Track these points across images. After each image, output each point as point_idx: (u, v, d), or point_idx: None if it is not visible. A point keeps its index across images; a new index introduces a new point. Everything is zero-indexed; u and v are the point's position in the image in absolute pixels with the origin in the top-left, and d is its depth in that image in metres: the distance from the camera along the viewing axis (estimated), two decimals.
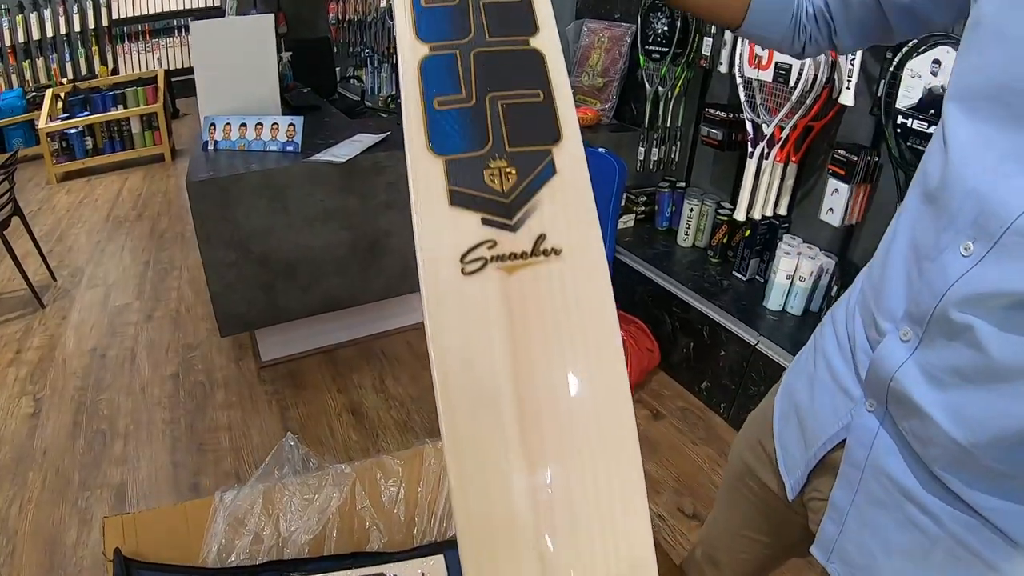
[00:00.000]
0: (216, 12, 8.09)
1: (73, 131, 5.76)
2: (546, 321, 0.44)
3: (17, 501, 2.26)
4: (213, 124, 2.67)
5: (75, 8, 7.58)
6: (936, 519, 0.69)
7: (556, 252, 0.46)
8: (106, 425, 2.63)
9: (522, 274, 0.45)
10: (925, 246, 0.65)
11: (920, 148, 1.91)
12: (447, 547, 0.95)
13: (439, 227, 0.45)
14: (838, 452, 0.79)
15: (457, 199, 0.46)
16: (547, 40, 0.52)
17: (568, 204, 0.47)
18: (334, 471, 1.18)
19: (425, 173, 0.46)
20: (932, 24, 0.78)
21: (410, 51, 0.50)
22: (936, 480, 0.68)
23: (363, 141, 2.67)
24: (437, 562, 0.93)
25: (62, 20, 7.53)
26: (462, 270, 0.44)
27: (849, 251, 2.43)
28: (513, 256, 0.45)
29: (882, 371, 0.70)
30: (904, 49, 1.88)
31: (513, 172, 0.47)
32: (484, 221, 0.45)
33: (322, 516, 1.10)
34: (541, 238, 0.46)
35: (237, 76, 2.73)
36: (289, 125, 2.62)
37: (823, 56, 2.13)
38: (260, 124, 2.65)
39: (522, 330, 0.43)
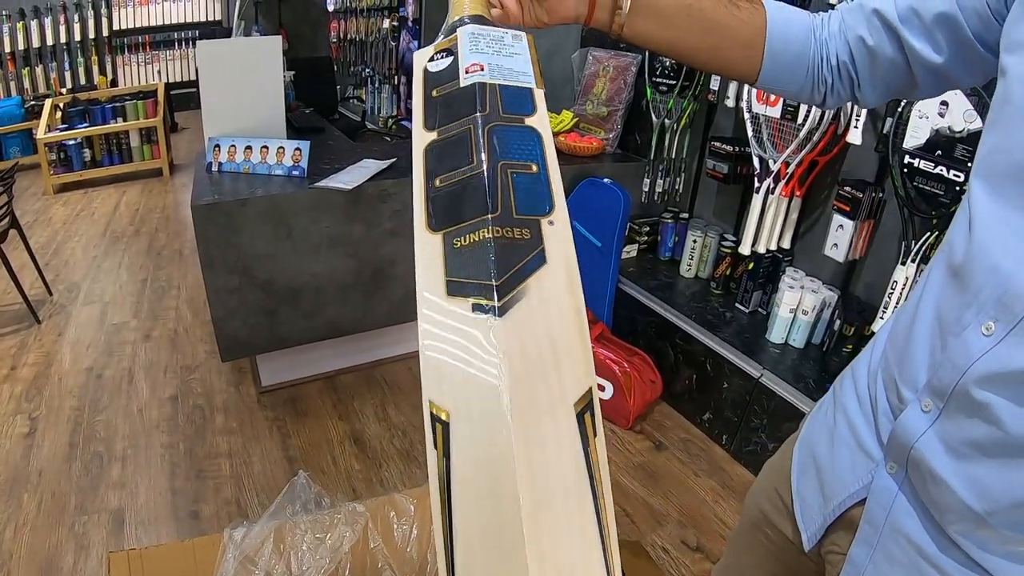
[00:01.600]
0: (217, 25, 8.11)
1: (71, 142, 5.73)
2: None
3: (12, 524, 2.22)
4: (218, 145, 2.65)
5: (76, 17, 7.58)
6: None
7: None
8: (103, 447, 2.60)
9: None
10: (948, 321, 0.66)
11: (926, 188, 1.93)
12: None
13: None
14: (857, 509, 0.81)
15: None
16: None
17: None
18: (346, 509, 1.17)
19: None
20: (958, 84, 0.79)
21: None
22: (953, 544, 0.69)
23: (369, 168, 2.66)
24: None
25: (62, 29, 7.52)
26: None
27: (851, 285, 2.44)
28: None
29: (903, 439, 0.71)
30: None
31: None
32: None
33: (335, 555, 1.09)
34: None
35: (243, 97, 2.71)
36: (295, 149, 2.61)
37: None
38: (266, 147, 2.63)
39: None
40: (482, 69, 0.58)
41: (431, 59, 0.62)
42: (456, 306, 0.43)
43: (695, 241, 2.91)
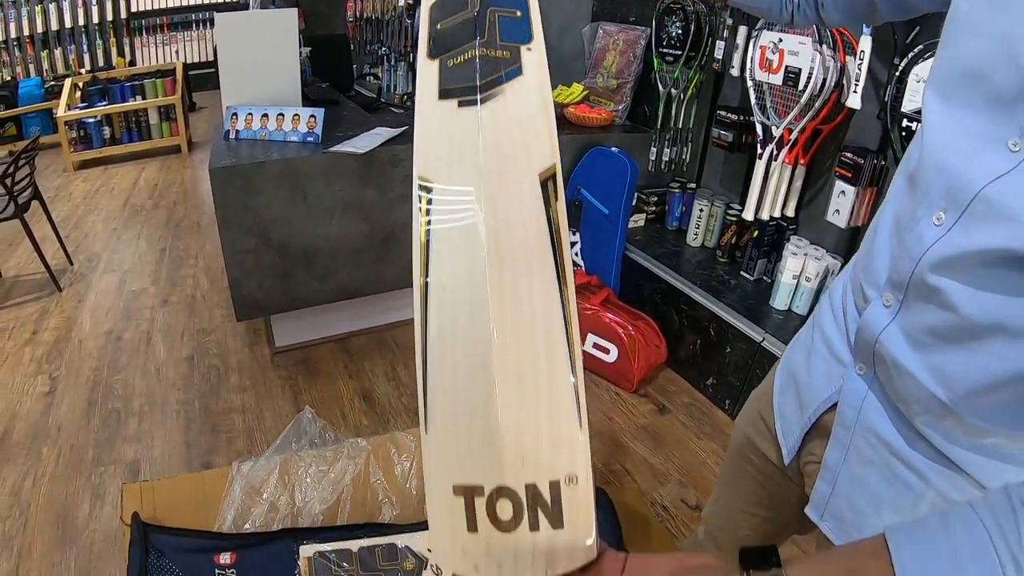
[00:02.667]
0: (234, 7, 8.16)
1: (91, 120, 5.83)
2: None
3: (31, 475, 2.31)
4: (235, 113, 2.72)
5: (94, 0, 7.66)
6: (921, 475, 0.74)
7: None
8: (121, 404, 2.68)
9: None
10: (905, 219, 0.71)
11: None
12: None
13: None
14: (830, 415, 0.85)
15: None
16: None
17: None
18: (350, 445, 1.22)
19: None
20: (917, 8, 0.84)
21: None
22: (921, 437, 0.73)
23: (381, 134, 2.72)
24: None
25: (80, 11, 7.60)
26: None
27: (854, 252, 2.47)
28: None
29: (868, 335, 0.76)
30: (910, 55, 1.93)
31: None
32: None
33: (336, 487, 1.12)
34: None
35: (260, 68, 2.79)
36: (310, 116, 2.67)
37: (832, 62, 2.18)
38: (281, 115, 2.70)
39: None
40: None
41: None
42: (445, 105, 0.50)
43: (701, 210, 2.95)
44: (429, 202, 0.48)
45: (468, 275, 0.47)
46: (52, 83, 6.40)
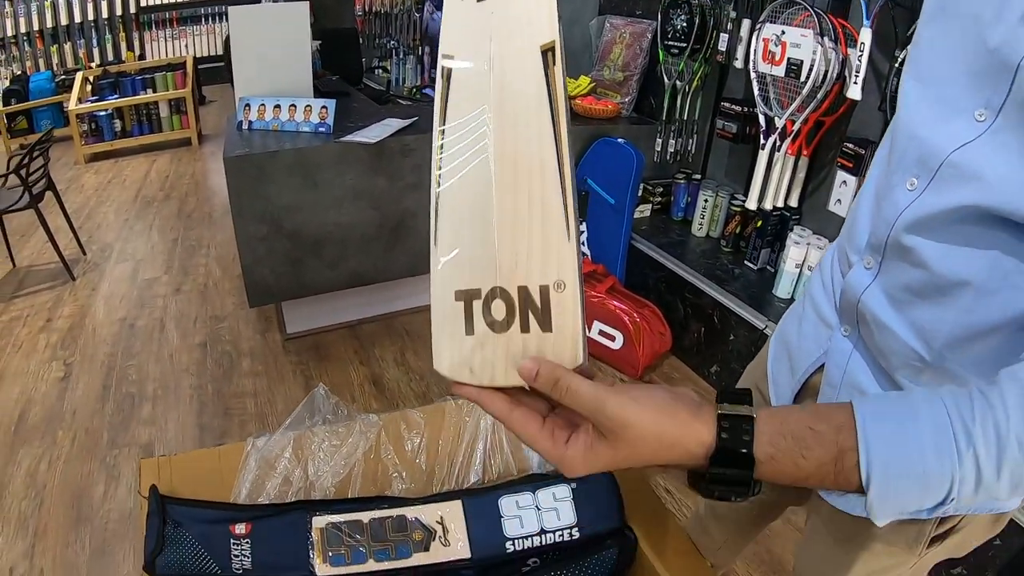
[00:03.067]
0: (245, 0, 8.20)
1: (102, 113, 5.88)
2: None
3: (47, 458, 2.37)
4: (248, 104, 2.77)
5: None
6: None
7: None
8: (135, 389, 2.74)
9: None
10: (882, 187, 0.77)
11: None
12: (465, 495, 0.99)
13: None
14: (818, 375, 0.91)
15: None
16: None
17: None
18: (362, 420, 1.25)
19: None
20: None
21: None
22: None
23: (392, 125, 2.77)
24: (455, 507, 0.96)
25: (90, 6, 7.64)
26: None
27: None
28: None
29: (851, 295, 0.81)
30: (910, 47, 1.97)
31: None
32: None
33: (348, 461, 1.15)
34: None
35: (272, 60, 2.84)
36: (322, 107, 2.72)
37: (834, 54, 2.22)
38: (294, 105, 2.75)
39: None
40: None
41: None
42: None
43: (706, 201, 2.99)
44: (448, 78, 0.57)
45: (478, 116, 0.56)
46: (63, 77, 6.45)
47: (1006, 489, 0.51)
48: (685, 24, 2.82)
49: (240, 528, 0.94)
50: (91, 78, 6.08)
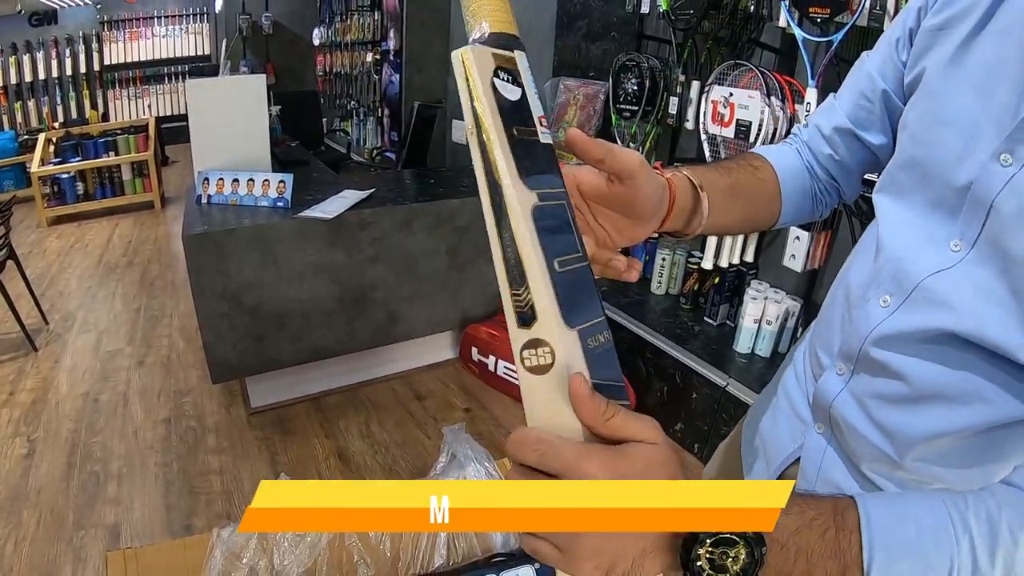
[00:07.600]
0: (206, 60, 8.24)
1: (65, 176, 5.86)
2: None
3: (12, 539, 2.32)
4: (207, 179, 2.78)
5: (67, 52, 7.72)
6: None
7: None
8: (100, 467, 2.69)
9: None
10: (855, 296, 0.81)
11: (870, 197, 2.06)
12: None
13: None
14: (794, 468, 0.93)
15: None
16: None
17: None
18: None
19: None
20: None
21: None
22: (876, 488, 0.81)
23: (349, 197, 2.80)
24: None
25: (55, 63, 7.65)
26: None
27: (814, 293, 2.56)
28: None
29: (823, 400, 0.85)
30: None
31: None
32: None
33: (313, 550, 1.16)
34: None
35: (230, 132, 2.86)
36: (280, 182, 2.74)
37: (781, 112, 2.29)
38: (252, 180, 2.77)
39: None
40: (543, 125, 0.57)
41: (496, 74, 0.53)
42: None
43: (664, 259, 3.04)
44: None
45: None
46: (26, 137, 6.43)
47: None
48: (636, 87, 2.88)
49: None
50: (54, 139, 6.06)
